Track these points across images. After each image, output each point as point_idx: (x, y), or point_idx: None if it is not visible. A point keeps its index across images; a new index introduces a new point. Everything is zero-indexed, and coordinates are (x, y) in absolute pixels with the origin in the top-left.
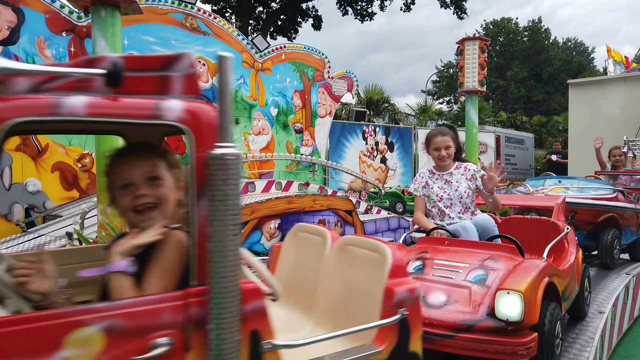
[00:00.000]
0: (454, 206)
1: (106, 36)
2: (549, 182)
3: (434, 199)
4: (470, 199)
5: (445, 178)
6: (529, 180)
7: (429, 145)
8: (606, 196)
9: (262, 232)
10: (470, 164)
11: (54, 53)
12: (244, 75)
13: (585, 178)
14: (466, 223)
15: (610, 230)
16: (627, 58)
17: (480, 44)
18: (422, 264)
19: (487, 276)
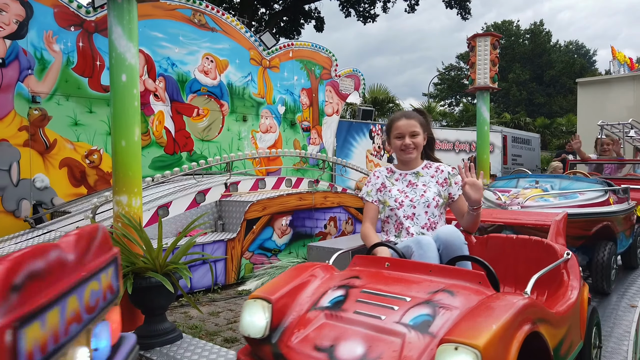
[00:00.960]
0: (418, 217)
1: (122, 23)
2: (522, 182)
3: (391, 206)
4: (439, 210)
5: (409, 179)
6: (498, 181)
7: (390, 132)
8: (597, 200)
9: (274, 229)
10: (443, 165)
11: (62, 48)
12: (251, 73)
13: (568, 176)
14: (423, 238)
15: (605, 245)
16: (631, 59)
17: (492, 40)
18: (345, 294)
19: (433, 318)
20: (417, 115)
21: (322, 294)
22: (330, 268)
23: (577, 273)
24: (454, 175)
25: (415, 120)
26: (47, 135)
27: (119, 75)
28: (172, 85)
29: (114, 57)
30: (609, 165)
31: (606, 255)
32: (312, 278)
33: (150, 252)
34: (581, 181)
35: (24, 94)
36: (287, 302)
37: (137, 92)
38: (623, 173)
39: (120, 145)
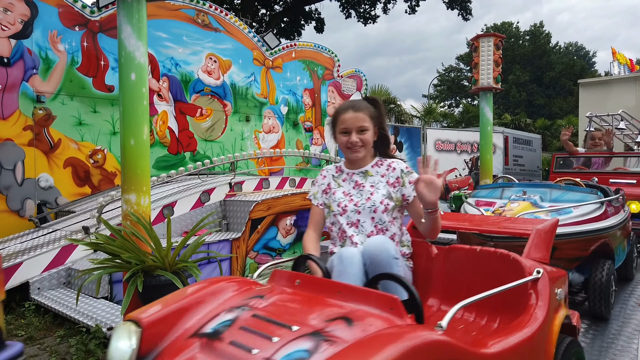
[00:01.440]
0: (363, 225)
1: (132, 22)
2: (508, 193)
3: (334, 211)
4: (390, 216)
5: (355, 179)
6: (480, 190)
7: (335, 126)
8: (593, 214)
9: (279, 228)
10: (397, 162)
11: (67, 47)
12: (254, 73)
13: (558, 185)
14: (345, 251)
15: (602, 264)
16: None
17: (495, 41)
18: (234, 319)
19: (310, 355)
20: (368, 107)
21: (214, 316)
22: (249, 284)
23: (547, 298)
24: (408, 173)
25: (364, 113)
26: (51, 135)
27: (128, 74)
28: (175, 85)
29: (123, 56)
30: (597, 159)
31: (604, 275)
32: (211, 297)
33: (159, 250)
34: (574, 191)
35: (29, 93)
36: (167, 326)
37: (146, 91)
38: (611, 167)
39: (129, 143)
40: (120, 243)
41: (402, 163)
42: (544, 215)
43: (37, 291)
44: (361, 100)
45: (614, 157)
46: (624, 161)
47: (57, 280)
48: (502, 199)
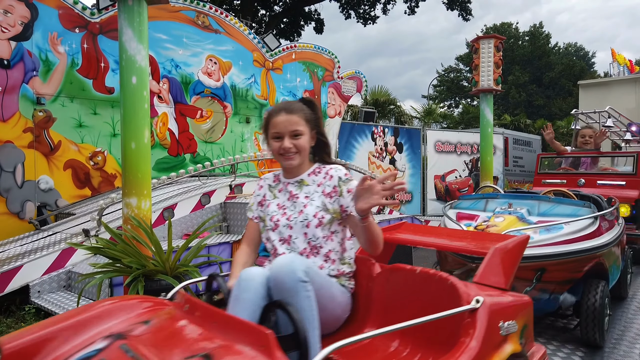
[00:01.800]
0: (294, 241)
1: (133, 25)
2: (492, 204)
3: (268, 226)
4: (327, 230)
5: (290, 190)
6: (461, 201)
7: (267, 131)
8: (586, 231)
9: None
10: (336, 168)
11: (67, 49)
12: (254, 74)
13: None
14: (246, 272)
15: (596, 285)
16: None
17: (496, 43)
18: (98, 350)
19: None
20: (302, 108)
21: (88, 344)
22: (155, 304)
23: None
24: (347, 181)
25: (298, 116)
26: (51, 137)
27: (129, 77)
28: (175, 87)
29: (124, 59)
30: (585, 159)
31: (598, 299)
32: (98, 320)
33: (160, 254)
34: (564, 204)
35: (29, 95)
36: (35, 352)
37: (147, 95)
38: (599, 167)
39: (130, 147)
40: (122, 247)
41: (342, 170)
42: (532, 232)
43: (37, 294)
44: (296, 101)
45: (602, 157)
46: (611, 161)
47: (58, 283)
48: (485, 212)
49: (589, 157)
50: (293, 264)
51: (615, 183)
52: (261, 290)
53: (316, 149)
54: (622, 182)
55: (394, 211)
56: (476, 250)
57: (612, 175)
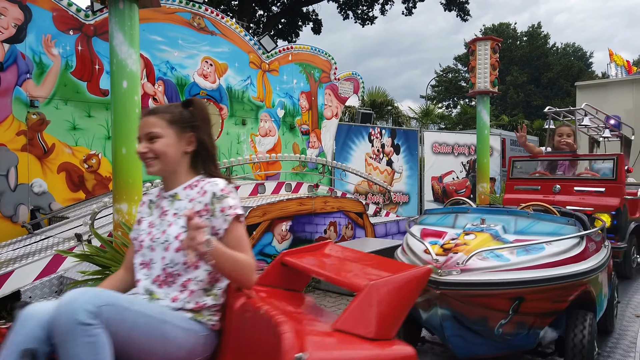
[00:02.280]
0: (153, 266)
1: (124, 29)
2: (462, 220)
3: (135, 247)
4: (189, 255)
5: (162, 205)
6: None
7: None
8: (571, 253)
9: (274, 234)
10: (213, 182)
11: (61, 52)
12: (251, 76)
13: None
14: (31, 309)
15: (583, 319)
16: (628, 62)
17: (492, 45)
18: None
19: None
20: (169, 110)
21: None
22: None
23: None
24: (222, 198)
25: (157, 117)
26: (45, 140)
27: (120, 81)
28: (171, 89)
29: (115, 64)
30: (562, 163)
31: (585, 334)
32: None
33: None
34: (545, 220)
35: (22, 98)
36: None
37: (138, 99)
38: (578, 171)
39: (121, 152)
40: (111, 255)
41: (219, 184)
42: (508, 253)
43: (28, 300)
44: (171, 104)
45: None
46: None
47: (49, 288)
48: (455, 228)
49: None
50: (74, 302)
51: (594, 190)
52: (38, 333)
53: (199, 157)
54: (601, 189)
55: (390, 213)
56: (351, 283)
57: (591, 181)
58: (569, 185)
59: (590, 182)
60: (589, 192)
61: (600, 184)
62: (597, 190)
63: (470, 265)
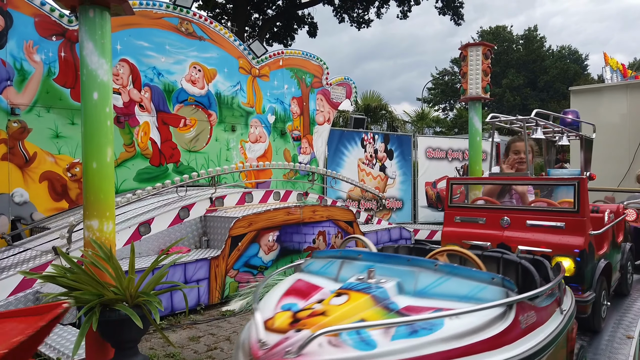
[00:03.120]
0: None
1: (94, 38)
2: (350, 269)
3: None
4: None
5: None
6: (314, 260)
7: None
8: (487, 332)
9: (260, 245)
10: None
11: (44, 58)
12: (240, 82)
13: (433, 263)
14: None
15: None
16: (623, 66)
17: (484, 50)
18: None
19: None
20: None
21: None
22: None
23: None
24: None
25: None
26: (26, 148)
27: (91, 92)
28: (158, 95)
29: (85, 74)
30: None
31: None
32: None
33: (120, 282)
34: (459, 276)
35: (3, 106)
36: None
37: (109, 111)
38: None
39: (91, 167)
40: (74, 277)
41: None
42: (382, 334)
43: None
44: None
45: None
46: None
47: (24, 304)
48: (337, 282)
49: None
50: None
51: (551, 225)
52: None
53: None
54: (560, 224)
55: (382, 220)
56: None
57: (548, 213)
58: (521, 218)
59: (547, 214)
60: (545, 228)
61: (559, 217)
62: (554, 226)
63: (309, 356)
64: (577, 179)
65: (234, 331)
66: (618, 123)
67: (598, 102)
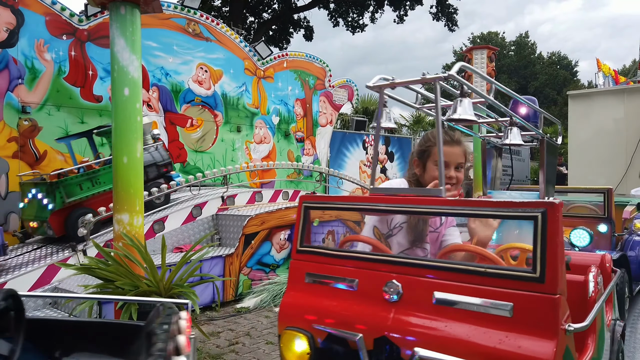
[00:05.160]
0: None
1: (125, 35)
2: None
3: None
4: None
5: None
6: None
7: None
8: None
9: (272, 244)
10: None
11: (54, 57)
12: (246, 83)
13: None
14: None
15: None
16: (615, 72)
17: (489, 53)
18: None
19: None
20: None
21: None
22: None
23: None
24: None
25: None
26: (37, 147)
27: (122, 89)
28: (165, 95)
29: (116, 70)
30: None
31: None
32: None
33: (154, 274)
34: None
35: (14, 104)
36: None
37: (139, 107)
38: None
39: (122, 161)
40: (114, 268)
41: None
42: None
43: None
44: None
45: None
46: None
47: (43, 300)
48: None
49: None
50: None
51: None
52: None
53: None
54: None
55: None
56: None
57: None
58: (425, 284)
59: (475, 279)
60: (470, 312)
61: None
62: (490, 309)
63: None
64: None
65: (252, 327)
66: (615, 127)
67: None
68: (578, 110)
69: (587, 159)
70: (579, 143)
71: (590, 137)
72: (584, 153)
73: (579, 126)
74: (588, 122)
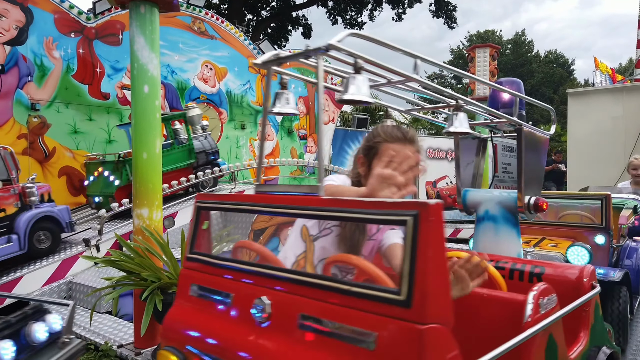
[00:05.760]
0: None
1: (145, 33)
2: None
3: None
4: None
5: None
6: None
7: None
8: None
9: (280, 239)
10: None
11: (63, 54)
12: (250, 81)
13: None
14: None
15: None
16: (613, 70)
17: (492, 52)
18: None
19: None
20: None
21: None
22: None
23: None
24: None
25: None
26: (46, 143)
27: (141, 86)
28: (171, 93)
29: (136, 68)
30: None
31: None
32: None
33: (175, 267)
34: None
35: (23, 101)
36: None
37: (158, 104)
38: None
39: (142, 157)
40: (139, 260)
41: None
42: None
43: None
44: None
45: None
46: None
47: (58, 294)
48: None
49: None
50: None
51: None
52: None
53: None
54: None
55: None
56: None
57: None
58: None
59: (352, 301)
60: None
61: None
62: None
63: None
64: (414, 207)
65: None
66: (613, 125)
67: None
68: (577, 108)
69: (585, 157)
70: (577, 141)
71: (589, 134)
72: (583, 151)
73: (577, 124)
74: (587, 120)
